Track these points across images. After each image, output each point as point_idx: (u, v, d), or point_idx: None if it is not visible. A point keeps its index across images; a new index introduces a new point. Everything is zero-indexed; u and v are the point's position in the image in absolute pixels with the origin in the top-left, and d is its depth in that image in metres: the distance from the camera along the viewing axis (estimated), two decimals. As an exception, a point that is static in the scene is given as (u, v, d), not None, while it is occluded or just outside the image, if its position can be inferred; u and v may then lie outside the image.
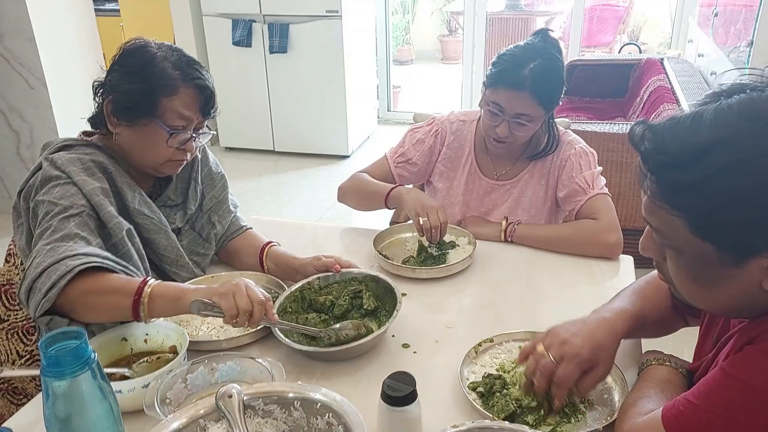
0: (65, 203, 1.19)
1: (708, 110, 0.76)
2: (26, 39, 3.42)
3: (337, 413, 0.89)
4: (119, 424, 0.84)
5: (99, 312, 1.14)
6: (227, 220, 1.53)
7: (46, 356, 0.76)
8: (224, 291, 1.11)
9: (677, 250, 0.82)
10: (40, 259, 1.11)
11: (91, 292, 1.10)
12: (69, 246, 1.13)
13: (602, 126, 2.88)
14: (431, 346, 1.25)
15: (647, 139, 0.79)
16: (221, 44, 4.55)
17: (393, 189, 1.66)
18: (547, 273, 1.53)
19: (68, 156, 1.26)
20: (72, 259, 1.10)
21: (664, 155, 0.77)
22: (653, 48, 7.04)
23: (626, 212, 2.86)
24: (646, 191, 0.82)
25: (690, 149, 0.75)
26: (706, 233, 0.77)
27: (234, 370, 1.10)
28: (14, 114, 3.64)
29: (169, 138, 1.29)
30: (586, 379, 1.01)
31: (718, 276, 0.80)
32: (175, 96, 1.27)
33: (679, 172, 0.76)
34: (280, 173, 4.56)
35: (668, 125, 0.79)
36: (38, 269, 1.09)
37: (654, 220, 0.83)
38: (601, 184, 1.65)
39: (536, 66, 1.54)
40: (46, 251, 1.12)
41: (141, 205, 1.33)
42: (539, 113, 1.58)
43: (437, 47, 8.19)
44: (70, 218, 1.18)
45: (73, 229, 1.16)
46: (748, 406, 0.78)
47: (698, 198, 0.75)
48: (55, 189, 1.21)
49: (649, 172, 0.80)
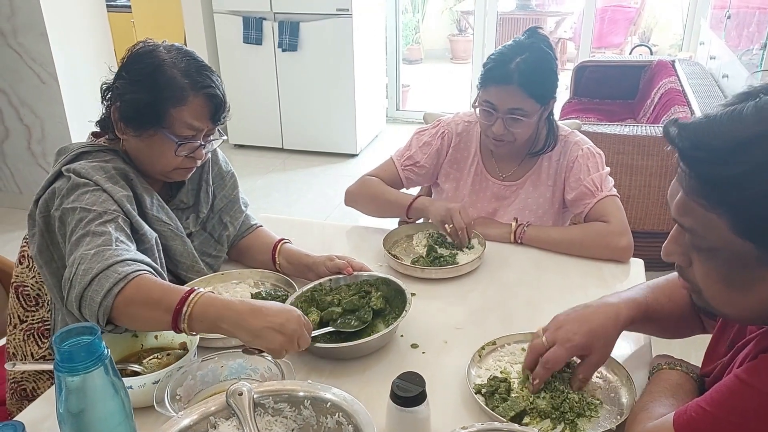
0: (99, 209, 1.16)
1: (747, 106, 0.74)
2: (39, 34, 3.43)
3: (347, 413, 0.89)
4: (131, 420, 0.85)
5: (139, 323, 1.11)
6: (239, 220, 1.52)
7: (60, 351, 0.77)
8: (278, 348, 1.04)
9: (711, 252, 0.79)
10: (88, 266, 1.07)
11: (135, 301, 1.06)
12: (114, 250, 1.09)
13: (612, 128, 2.86)
14: (440, 346, 1.25)
15: (683, 137, 0.77)
16: (232, 42, 4.56)
17: (415, 200, 1.67)
18: (557, 275, 1.53)
19: (90, 165, 1.23)
20: (121, 265, 1.07)
21: (702, 151, 0.75)
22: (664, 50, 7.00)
23: (636, 215, 2.85)
24: (683, 187, 0.79)
25: (732, 143, 0.73)
26: (747, 231, 0.74)
27: (244, 367, 1.11)
28: (26, 109, 3.66)
29: (177, 148, 1.26)
30: (580, 366, 1.04)
31: (754, 279, 0.77)
32: (184, 106, 1.23)
33: (720, 167, 0.73)
34: (289, 171, 4.57)
35: (704, 122, 0.76)
36: (87, 276, 1.05)
37: (688, 220, 0.79)
38: (609, 186, 1.64)
39: (523, 60, 1.54)
40: (91, 256, 1.08)
41: (159, 211, 1.32)
42: (532, 107, 1.58)
43: (447, 47, 8.18)
44: (107, 223, 1.15)
45: (114, 234, 1.13)
46: (762, 415, 0.77)
47: (741, 193, 0.73)
48: (86, 195, 1.18)
49: (688, 168, 0.77)
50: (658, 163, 2.79)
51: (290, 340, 1.04)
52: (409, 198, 1.69)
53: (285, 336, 1.03)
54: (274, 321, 1.03)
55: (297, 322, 1.06)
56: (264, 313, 1.04)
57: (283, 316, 1.05)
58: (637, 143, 2.79)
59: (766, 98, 0.75)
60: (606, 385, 1.11)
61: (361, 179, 1.79)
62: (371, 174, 1.80)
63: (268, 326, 1.03)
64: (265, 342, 1.03)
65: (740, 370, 0.81)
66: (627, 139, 2.80)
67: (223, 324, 1.04)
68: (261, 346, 1.04)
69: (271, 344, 1.03)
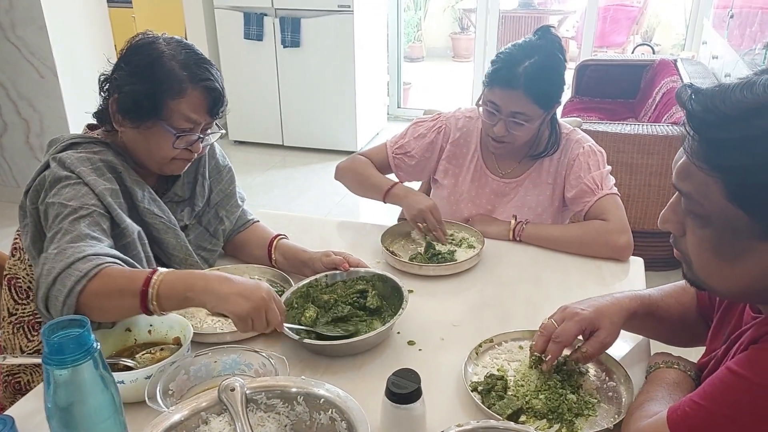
0: (75, 204, 1.16)
1: (762, 79, 0.76)
2: (38, 28, 3.42)
3: (340, 409, 0.88)
4: (120, 414, 0.83)
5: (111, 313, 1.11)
6: (235, 215, 1.52)
7: (49, 344, 0.75)
8: (243, 313, 1.05)
9: (704, 219, 0.80)
10: (50, 266, 1.07)
11: (100, 294, 1.06)
12: (78, 247, 1.09)
13: (613, 126, 2.85)
14: (437, 343, 1.24)
15: (695, 100, 0.78)
16: (233, 38, 4.54)
17: (393, 187, 1.67)
18: (555, 273, 1.51)
19: (77, 155, 1.22)
20: (82, 262, 1.06)
21: (712, 114, 0.76)
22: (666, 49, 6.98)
23: (636, 214, 2.84)
24: (686, 151, 0.80)
25: (741, 110, 0.74)
26: (741, 199, 0.75)
27: (237, 363, 1.10)
28: (24, 102, 3.65)
29: (175, 140, 1.25)
30: (589, 342, 1.06)
31: (743, 250, 0.78)
32: (182, 98, 1.23)
33: (726, 131, 0.75)
34: (289, 168, 4.56)
35: (717, 89, 0.78)
36: (50, 276, 1.06)
37: (686, 185, 0.81)
38: (610, 184, 1.63)
39: (531, 64, 1.51)
40: (54, 256, 1.08)
41: (150, 204, 1.31)
42: (536, 112, 1.56)
43: (449, 45, 8.16)
44: (80, 219, 1.15)
45: (83, 230, 1.13)
46: (756, 406, 0.77)
47: (742, 158, 0.74)
48: (65, 190, 1.18)
49: (694, 131, 0.78)
50: (659, 163, 2.78)
51: (256, 309, 1.05)
52: (388, 183, 1.68)
53: (251, 303, 1.05)
54: (241, 288, 1.06)
55: (266, 291, 1.08)
56: (231, 281, 1.07)
57: (252, 285, 1.08)
58: (638, 142, 2.78)
59: None
60: (604, 385, 1.10)
61: (352, 156, 1.81)
62: (363, 153, 1.82)
63: (235, 292, 1.05)
64: (230, 306, 1.04)
65: (732, 362, 0.81)
66: (627, 137, 2.79)
67: (190, 293, 1.05)
68: (226, 311, 1.05)
69: (236, 308, 1.04)
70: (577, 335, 1.07)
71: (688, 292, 1.14)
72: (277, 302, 1.10)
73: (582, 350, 1.06)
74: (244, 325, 1.07)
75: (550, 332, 1.06)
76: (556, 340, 1.05)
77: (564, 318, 1.07)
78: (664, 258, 2.42)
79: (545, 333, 1.07)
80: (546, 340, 1.07)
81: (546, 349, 1.07)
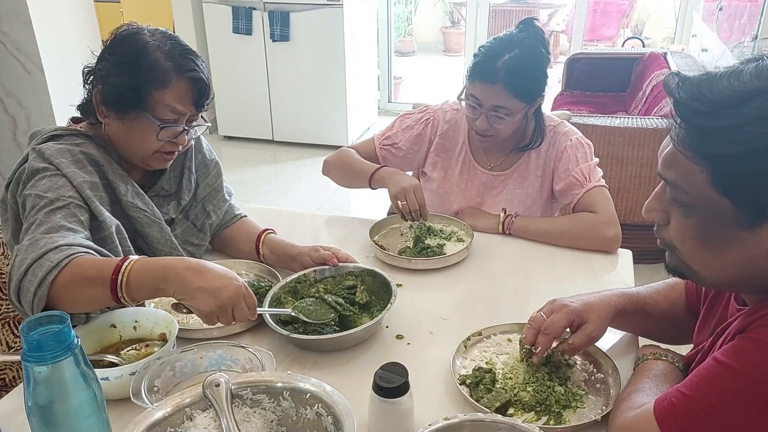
0: (51, 196, 1.14)
1: (749, 67, 0.76)
2: (23, 23, 3.38)
3: (326, 403, 0.87)
4: (103, 411, 0.82)
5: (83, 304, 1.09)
6: (222, 209, 1.50)
7: (27, 341, 0.74)
8: (207, 311, 1.03)
9: (689, 207, 0.81)
10: (23, 257, 1.05)
11: (71, 284, 1.04)
12: (51, 238, 1.07)
13: (603, 119, 2.85)
14: (425, 337, 1.24)
15: (682, 88, 0.79)
16: (221, 32, 4.51)
17: (378, 170, 1.65)
18: (545, 266, 1.51)
19: (57, 147, 1.21)
20: (54, 252, 1.05)
21: (699, 102, 0.77)
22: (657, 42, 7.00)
23: (626, 207, 2.84)
24: (673, 140, 0.80)
25: (727, 97, 0.75)
26: (726, 186, 0.76)
27: (224, 358, 1.09)
28: (11, 99, 3.61)
29: (159, 131, 1.24)
30: (576, 334, 1.06)
31: (727, 238, 0.79)
32: (166, 89, 1.22)
33: (712, 119, 0.75)
34: (279, 163, 4.54)
35: (704, 77, 0.78)
36: (22, 267, 1.04)
37: (672, 174, 0.81)
38: (598, 177, 1.63)
39: (512, 58, 1.50)
40: (27, 247, 1.07)
41: (134, 197, 1.29)
42: (517, 106, 1.55)
43: (439, 39, 8.15)
44: (56, 211, 1.13)
45: (58, 221, 1.11)
46: (742, 396, 0.77)
47: (727, 146, 0.74)
48: (42, 181, 1.16)
49: (681, 119, 0.79)
50: (648, 155, 2.78)
51: (222, 308, 1.03)
52: (372, 167, 1.67)
53: (218, 302, 1.02)
54: (210, 284, 1.02)
55: (234, 290, 1.04)
56: (202, 274, 1.03)
57: (222, 281, 1.04)
58: (628, 135, 2.78)
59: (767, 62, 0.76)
60: (591, 377, 1.09)
61: (339, 149, 1.79)
62: (352, 146, 1.80)
63: (203, 287, 1.02)
64: (196, 303, 1.02)
65: (718, 353, 0.81)
66: (617, 130, 2.79)
67: (162, 284, 1.02)
68: (191, 307, 1.04)
69: (202, 306, 1.02)
70: (566, 327, 1.07)
71: (676, 288, 1.14)
72: (247, 297, 1.07)
73: (569, 341, 1.06)
74: (208, 321, 1.05)
75: (539, 324, 1.07)
76: (545, 332, 1.05)
77: (553, 310, 1.07)
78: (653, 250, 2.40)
79: (534, 325, 1.07)
80: (535, 333, 1.07)
81: (536, 342, 1.07)
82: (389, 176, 1.61)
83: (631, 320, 1.13)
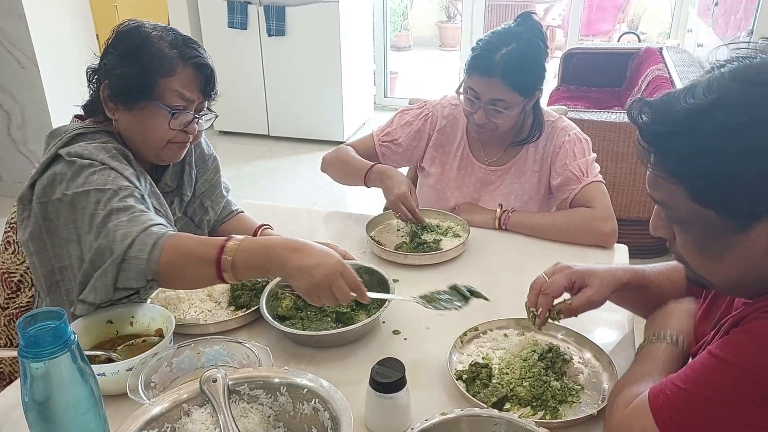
0: (113, 187, 1.13)
1: (702, 80, 0.78)
2: (17, 17, 3.36)
3: (323, 399, 0.87)
4: (100, 407, 0.82)
5: (187, 280, 1.11)
6: (220, 205, 1.50)
7: (24, 336, 0.74)
8: (305, 289, 1.03)
9: (685, 223, 0.82)
10: (124, 231, 1.05)
11: (175, 260, 1.05)
12: (147, 215, 1.09)
13: (599, 115, 2.85)
14: (422, 333, 1.24)
15: (644, 113, 0.81)
16: (216, 26, 4.49)
17: (372, 168, 1.65)
18: (541, 261, 1.50)
19: (91, 146, 1.19)
20: (158, 227, 1.07)
21: (660, 125, 0.79)
22: (652, 37, 7.01)
23: (622, 202, 2.85)
24: (647, 165, 0.83)
25: (685, 115, 0.76)
26: (705, 199, 0.77)
27: (221, 354, 1.09)
28: (5, 94, 3.59)
29: (171, 119, 1.23)
30: (576, 296, 1.07)
31: (724, 245, 0.79)
32: (173, 76, 1.22)
33: (675, 140, 0.77)
34: (275, 158, 4.53)
35: (664, 98, 0.80)
36: (127, 240, 1.04)
37: (657, 194, 0.83)
38: (595, 172, 1.63)
39: (509, 51, 1.51)
40: (126, 223, 1.07)
41: (151, 196, 1.28)
42: (515, 99, 1.55)
43: (435, 33, 8.13)
44: (127, 198, 1.12)
45: (137, 206, 1.12)
46: (737, 389, 0.77)
47: (695, 162, 0.76)
48: (94, 176, 1.14)
49: (648, 144, 0.81)
50: (645, 150, 2.78)
51: (318, 286, 1.02)
52: (368, 166, 1.66)
53: (313, 279, 1.01)
54: (305, 262, 1.02)
55: (330, 269, 1.02)
56: (300, 252, 1.03)
57: (317, 259, 1.03)
58: (624, 130, 2.78)
59: (718, 72, 0.78)
60: (588, 371, 1.10)
61: (338, 147, 1.79)
62: (349, 144, 1.81)
63: (299, 265, 1.02)
64: (295, 281, 1.03)
65: (713, 346, 0.82)
66: (613, 126, 2.79)
67: (266, 264, 1.04)
68: (292, 285, 1.05)
69: (299, 284, 1.03)
70: (565, 287, 1.08)
71: (679, 270, 1.13)
72: (347, 277, 1.05)
73: (567, 302, 1.07)
74: (310, 299, 1.05)
75: (540, 286, 1.08)
76: (545, 292, 1.07)
77: (555, 272, 1.09)
78: (649, 245, 2.43)
79: (536, 287, 1.09)
80: (537, 294, 1.09)
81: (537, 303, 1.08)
82: (381, 180, 1.61)
83: (632, 295, 1.13)
